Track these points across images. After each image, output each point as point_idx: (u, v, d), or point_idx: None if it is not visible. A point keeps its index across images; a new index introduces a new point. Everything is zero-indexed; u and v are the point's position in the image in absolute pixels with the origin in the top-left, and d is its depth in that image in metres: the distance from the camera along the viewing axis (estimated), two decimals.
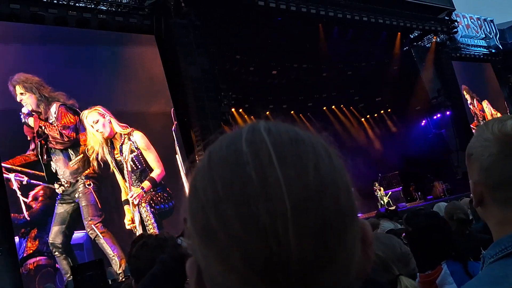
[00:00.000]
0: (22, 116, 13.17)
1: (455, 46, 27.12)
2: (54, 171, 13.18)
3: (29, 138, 13.08)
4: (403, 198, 23.55)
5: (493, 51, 29.77)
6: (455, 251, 2.83)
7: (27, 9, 13.55)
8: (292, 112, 26.19)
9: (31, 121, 13.20)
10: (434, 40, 24.89)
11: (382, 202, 22.14)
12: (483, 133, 1.30)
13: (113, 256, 13.08)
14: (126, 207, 13.97)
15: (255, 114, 23.73)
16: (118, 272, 12.89)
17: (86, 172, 13.53)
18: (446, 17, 24.68)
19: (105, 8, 15.30)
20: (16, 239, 12.01)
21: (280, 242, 0.60)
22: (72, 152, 13.55)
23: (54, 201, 12.99)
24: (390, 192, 23.24)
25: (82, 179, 13.31)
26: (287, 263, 0.60)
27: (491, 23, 29.92)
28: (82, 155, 13.63)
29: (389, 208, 17.73)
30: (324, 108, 27.27)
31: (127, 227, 13.80)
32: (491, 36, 29.64)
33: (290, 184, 0.62)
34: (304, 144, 0.67)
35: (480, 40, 29.21)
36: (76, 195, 13.09)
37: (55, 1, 14.31)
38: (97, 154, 13.97)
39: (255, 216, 0.60)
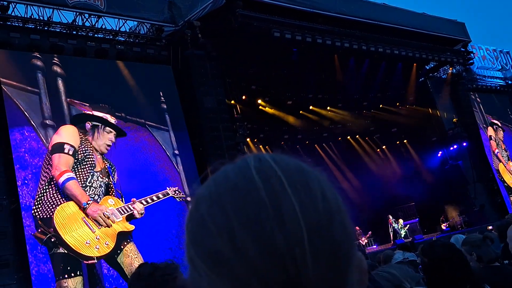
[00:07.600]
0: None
1: (471, 78, 27.02)
2: None
3: None
4: (419, 230, 23.26)
5: (509, 82, 29.63)
6: (470, 284, 2.78)
7: (47, 39, 13.81)
8: (307, 142, 26.19)
9: None
10: (450, 71, 24.89)
11: (399, 234, 21.81)
12: None
13: None
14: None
15: (270, 145, 23.76)
16: None
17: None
18: (462, 49, 24.66)
19: (123, 39, 15.56)
20: None
21: (298, 266, 0.60)
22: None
23: None
24: (408, 225, 22.95)
25: None
26: (305, 286, 0.61)
27: (507, 55, 29.84)
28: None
29: (406, 240, 17.50)
30: (339, 138, 27.22)
31: None
32: (508, 68, 29.52)
33: (303, 209, 0.63)
34: (309, 173, 0.68)
35: (497, 72, 29.11)
36: None
37: (74, 32, 14.60)
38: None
39: (272, 241, 0.60)
